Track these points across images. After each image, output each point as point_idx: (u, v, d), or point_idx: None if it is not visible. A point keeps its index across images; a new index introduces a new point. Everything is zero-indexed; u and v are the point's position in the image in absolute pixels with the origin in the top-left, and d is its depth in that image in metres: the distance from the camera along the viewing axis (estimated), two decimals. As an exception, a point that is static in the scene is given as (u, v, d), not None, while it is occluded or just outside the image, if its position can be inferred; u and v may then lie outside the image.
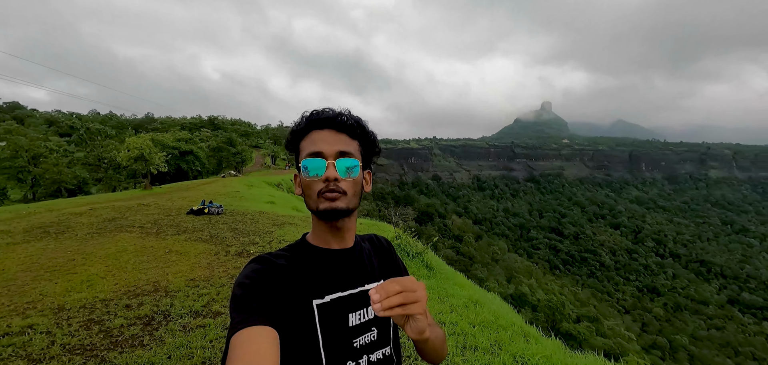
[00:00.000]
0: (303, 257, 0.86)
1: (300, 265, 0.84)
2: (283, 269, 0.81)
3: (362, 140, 0.91)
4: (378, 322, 0.91)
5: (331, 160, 0.83)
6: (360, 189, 0.89)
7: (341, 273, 0.88)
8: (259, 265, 0.80)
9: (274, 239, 6.87)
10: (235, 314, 0.70)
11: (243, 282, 0.75)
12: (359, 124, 0.90)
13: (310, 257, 0.86)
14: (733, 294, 63.68)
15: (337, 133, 0.86)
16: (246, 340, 0.64)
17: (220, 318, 3.38)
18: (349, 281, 0.88)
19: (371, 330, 0.88)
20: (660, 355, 38.86)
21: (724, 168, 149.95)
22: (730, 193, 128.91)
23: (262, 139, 63.84)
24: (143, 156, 19.85)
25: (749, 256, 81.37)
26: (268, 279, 0.77)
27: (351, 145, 0.87)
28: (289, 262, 0.83)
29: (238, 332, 0.65)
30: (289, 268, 0.82)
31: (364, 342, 0.86)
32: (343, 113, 0.88)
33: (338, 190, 0.83)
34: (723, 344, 45.12)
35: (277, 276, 0.79)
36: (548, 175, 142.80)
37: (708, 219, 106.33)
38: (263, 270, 0.78)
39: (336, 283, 0.86)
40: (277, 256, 0.84)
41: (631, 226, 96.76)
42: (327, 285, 0.84)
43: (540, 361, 3.07)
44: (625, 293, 61.98)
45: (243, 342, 0.64)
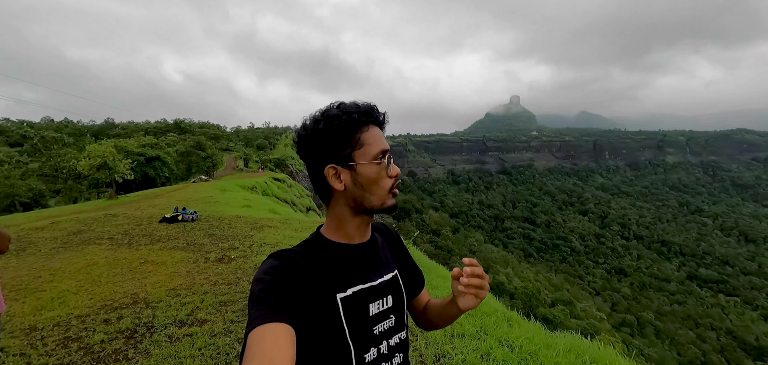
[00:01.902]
0: (322, 253, 0.86)
1: (320, 261, 0.85)
2: (302, 265, 0.81)
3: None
4: (395, 309, 0.94)
5: (390, 157, 0.88)
6: None
7: (361, 267, 0.90)
8: (277, 261, 0.80)
9: (255, 243, 6.76)
10: (253, 310, 0.71)
11: (262, 278, 0.76)
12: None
13: (330, 252, 0.87)
14: (692, 270, 68.27)
15: (381, 130, 0.91)
16: (263, 337, 0.65)
17: (206, 326, 3.32)
18: (368, 274, 0.90)
19: (390, 317, 0.92)
20: (629, 332, 41.17)
21: (679, 153, 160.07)
22: (685, 177, 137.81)
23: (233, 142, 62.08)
24: (106, 164, 18.80)
25: (704, 235, 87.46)
26: (287, 276, 0.77)
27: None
28: (307, 258, 0.84)
29: (255, 328, 0.66)
30: (308, 264, 0.82)
31: (384, 328, 0.90)
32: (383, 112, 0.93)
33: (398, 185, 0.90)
34: (684, 317, 48.32)
35: (297, 273, 0.79)
36: (519, 167, 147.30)
37: (666, 202, 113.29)
38: (282, 266, 0.79)
39: (357, 277, 0.88)
40: (296, 252, 0.84)
41: (598, 212, 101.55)
42: (348, 279, 0.86)
43: (523, 343, 3.23)
44: (595, 276, 65.03)
45: (260, 339, 0.65)
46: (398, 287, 0.98)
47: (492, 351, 3.04)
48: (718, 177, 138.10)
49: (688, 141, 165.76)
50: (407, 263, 1.10)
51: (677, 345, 40.36)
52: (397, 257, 1.05)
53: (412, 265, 1.11)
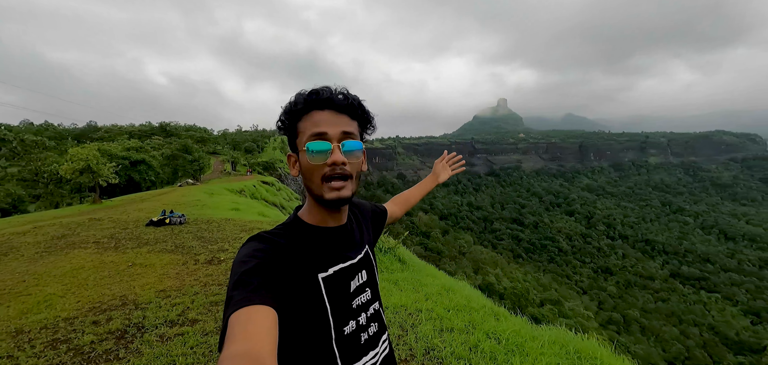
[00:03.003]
0: (301, 236, 0.88)
1: (299, 243, 0.86)
2: (283, 247, 0.82)
3: (361, 120, 0.92)
4: (369, 283, 1.00)
5: (335, 143, 0.83)
6: (360, 171, 0.92)
7: (340, 247, 0.93)
8: (260, 243, 0.80)
9: (245, 245, 6.74)
10: (235, 292, 0.69)
11: (244, 260, 0.75)
12: (359, 104, 0.89)
13: (309, 235, 0.89)
14: (675, 268, 70.08)
15: (338, 113, 0.85)
16: (245, 319, 0.63)
17: (198, 325, 3.33)
18: (346, 253, 0.94)
19: (366, 290, 0.98)
20: (616, 329, 42.00)
21: (661, 154, 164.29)
22: (667, 177, 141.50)
23: (220, 145, 61.23)
24: (90, 167, 18.39)
25: (686, 233, 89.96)
26: (269, 258, 0.77)
27: (352, 126, 0.88)
28: (288, 241, 0.84)
29: (238, 310, 0.65)
30: (289, 246, 0.83)
31: (361, 301, 0.95)
32: (342, 92, 0.86)
33: (344, 176, 0.84)
34: (668, 314, 49.56)
35: (279, 255, 0.79)
36: (507, 169, 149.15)
37: (650, 201, 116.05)
38: (263, 248, 0.79)
39: (337, 256, 0.91)
40: (277, 235, 0.85)
41: (584, 212, 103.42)
42: (328, 259, 0.89)
43: (510, 335, 3.34)
44: (582, 275, 66.17)
45: (242, 321, 0.63)
46: (370, 262, 1.04)
47: (480, 344, 3.13)
48: (698, 177, 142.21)
49: (670, 142, 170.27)
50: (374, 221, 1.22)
51: (662, 342, 41.36)
52: (368, 230, 1.12)
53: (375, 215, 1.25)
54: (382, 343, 1.01)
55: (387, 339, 1.05)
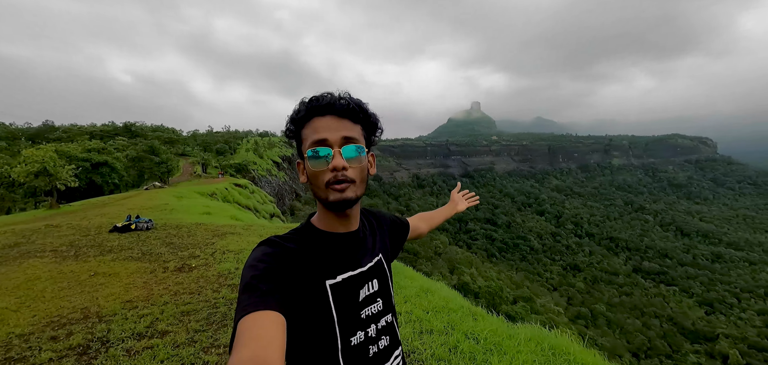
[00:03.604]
0: (312, 241, 0.88)
1: (310, 249, 0.86)
2: (293, 252, 0.82)
3: (364, 123, 0.91)
4: (381, 293, 0.97)
5: (336, 148, 0.83)
6: (366, 175, 0.91)
7: (350, 255, 0.92)
8: (269, 248, 0.81)
9: (217, 250, 6.51)
10: (244, 297, 0.70)
11: (254, 265, 0.76)
12: (361, 107, 0.89)
13: (319, 241, 0.89)
14: (637, 263, 74.03)
15: (339, 118, 0.85)
16: (253, 324, 0.64)
17: (168, 337, 3.17)
18: (357, 261, 0.93)
19: (377, 300, 0.95)
20: (584, 324, 43.76)
21: (623, 156, 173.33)
22: (628, 178, 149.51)
23: (190, 146, 59.01)
24: (46, 170, 17.23)
25: (646, 230, 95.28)
26: (278, 263, 0.78)
27: (355, 130, 0.87)
28: (298, 246, 0.85)
29: (246, 315, 0.66)
30: (299, 252, 0.83)
31: (371, 312, 0.92)
32: (343, 97, 0.86)
33: (347, 179, 0.83)
34: (631, 307, 52.22)
35: (288, 260, 0.80)
36: (481, 170, 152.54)
37: (613, 201, 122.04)
38: (274, 253, 0.79)
39: (346, 264, 0.90)
40: (287, 239, 0.85)
41: (554, 212, 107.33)
42: (338, 266, 0.88)
43: (488, 335, 3.39)
44: (552, 272, 68.55)
45: (251, 326, 0.64)
46: (383, 271, 1.00)
47: (459, 345, 3.17)
48: (656, 177, 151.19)
49: (631, 145, 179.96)
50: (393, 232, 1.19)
51: (626, 334, 43.51)
52: (383, 240, 1.08)
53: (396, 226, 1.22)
54: (394, 358, 0.97)
55: (400, 355, 1.01)
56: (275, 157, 61.24)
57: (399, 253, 1.24)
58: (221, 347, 3.04)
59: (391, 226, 1.19)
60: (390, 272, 1.05)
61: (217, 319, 3.57)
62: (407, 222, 1.33)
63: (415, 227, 1.38)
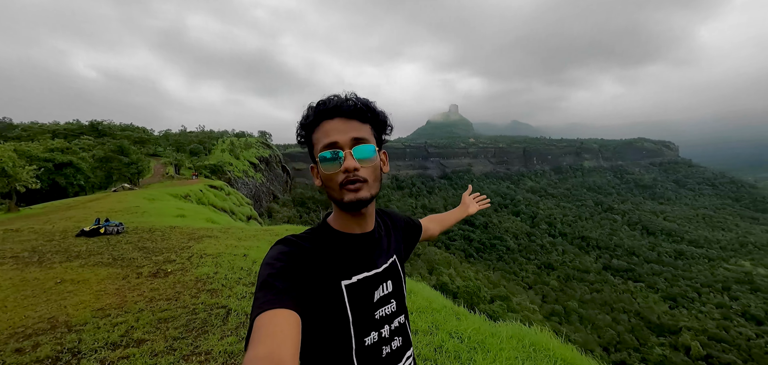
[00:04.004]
0: (328, 241, 0.89)
1: (325, 249, 0.87)
2: (309, 252, 0.83)
3: (373, 122, 0.91)
4: (395, 294, 0.98)
5: (347, 149, 0.84)
6: (380, 173, 0.91)
7: (365, 255, 0.93)
8: (286, 247, 0.82)
9: (194, 254, 6.31)
10: (260, 294, 0.71)
11: (271, 263, 0.77)
12: (368, 107, 0.89)
13: (335, 241, 0.90)
14: (606, 261, 77.20)
15: (347, 120, 0.86)
16: (269, 322, 0.65)
17: (145, 346, 3.05)
18: (372, 261, 0.94)
19: (391, 301, 0.96)
20: (558, 320, 45.17)
21: (593, 159, 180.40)
22: (599, 179, 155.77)
23: (162, 146, 56.85)
24: (5, 171, 16.18)
25: (615, 230, 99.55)
26: (295, 262, 0.79)
27: (364, 130, 0.88)
28: (314, 245, 0.86)
29: (262, 313, 0.67)
30: (315, 251, 0.85)
31: (385, 313, 0.93)
32: (349, 98, 0.87)
33: (359, 179, 0.84)
34: (602, 304, 54.33)
35: (304, 259, 0.81)
36: (459, 172, 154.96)
37: (585, 202, 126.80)
38: (291, 252, 0.80)
39: (361, 264, 0.91)
40: (304, 239, 0.87)
41: (529, 213, 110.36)
42: (353, 267, 0.89)
43: (471, 333, 3.46)
44: (527, 271, 70.41)
45: (266, 324, 0.65)
46: (397, 272, 1.02)
47: (444, 344, 3.21)
48: (624, 179, 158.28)
49: (601, 148, 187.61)
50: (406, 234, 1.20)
51: (597, 329, 45.22)
52: (397, 241, 1.10)
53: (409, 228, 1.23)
54: (406, 359, 0.99)
55: (412, 356, 1.02)
56: (252, 157, 59.94)
57: (410, 255, 1.25)
58: (202, 354, 2.95)
59: (405, 227, 1.20)
60: (403, 273, 1.07)
61: (197, 326, 3.46)
62: (420, 223, 1.34)
63: (427, 228, 1.40)
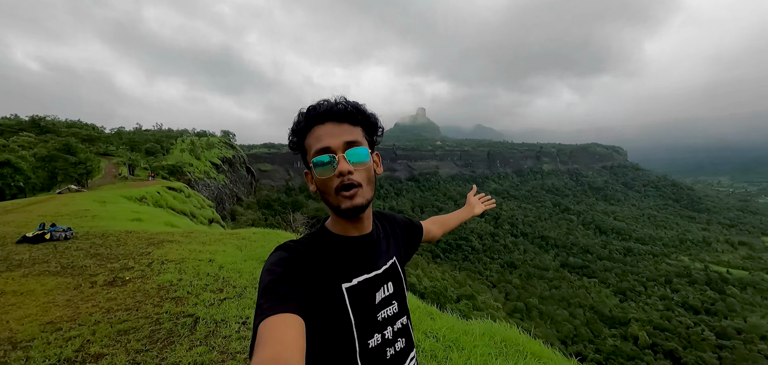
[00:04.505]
0: (326, 245, 0.89)
1: (325, 253, 0.87)
2: (309, 256, 0.83)
3: (364, 125, 0.92)
4: (396, 295, 0.98)
5: (340, 153, 0.84)
6: (373, 175, 0.92)
7: (364, 257, 0.93)
8: (286, 252, 0.82)
9: (154, 260, 5.95)
10: (263, 300, 0.71)
11: (271, 269, 0.77)
12: (359, 109, 0.89)
13: (334, 244, 0.90)
14: (564, 259, 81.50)
15: (338, 123, 0.86)
16: (273, 327, 0.65)
17: (103, 361, 2.83)
18: (372, 263, 0.94)
19: (392, 303, 0.96)
20: (520, 317, 47.08)
21: (552, 162, 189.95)
22: (556, 182, 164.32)
23: (114, 145, 53.09)
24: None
25: (571, 229, 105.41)
26: (296, 266, 0.79)
27: (355, 133, 0.88)
28: (314, 250, 0.86)
29: (266, 318, 0.67)
30: (315, 256, 0.85)
31: (387, 314, 0.93)
32: (339, 102, 0.87)
33: (354, 184, 0.84)
34: (560, 299, 57.33)
35: (305, 263, 0.81)
36: (426, 174, 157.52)
37: (544, 203, 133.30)
38: (291, 257, 0.81)
39: (361, 267, 0.91)
40: (303, 244, 0.87)
41: (492, 214, 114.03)
42: (353, 269, 0.89)
43: (446, 332, 3.53)
44: (491, 270, 72.84)
45: (271, 329, 0.65)
46: (397, 274, 1.02)
47: (420, 344, 3.24)
48: (579, 182, 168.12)
49: (558, 152, 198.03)
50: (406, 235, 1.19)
51: (556, 323, 47.62)
52: (397, 243, 1.09)
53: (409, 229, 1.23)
54: (409, 360, 0.99)
55: (415, 357, 1.02)
56: (214, 158, 57.52)
57: (412, 256, 1.24)
58: (169, 366, 2.78)
59: (405, 229, 1.20)
60: (404, 275, 1.06)
61: (162, 337, 3.26)
62: (421, 225, 1.33)
63: (428, 230, 1.38)
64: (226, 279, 5.06)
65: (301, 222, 17.44)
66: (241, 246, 7.58)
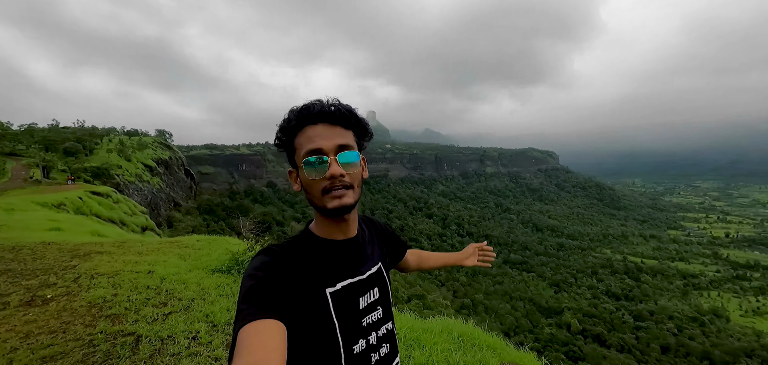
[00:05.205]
0: (311, 248, 0.88)
1: (309, 256, 0.86)
2: (292, 261, 0.82)
3: (356, 129, 0.92)
4: (381, 301, 0.98)
5: (332, 156, 0.83)
6: (361, 179, 0.93)
7: (349, 262, 0.92)
8: (268, 257, 0.81)
9: (82, 274, 5.31)
10: (244, 305, 0.69)
11: (253, 274, 0.76)
12: (352, 113, 0.89)
13: (318, 248, 0.88)
14: (506, 256, 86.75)
15: (331, 125, 0.86)
16: (254, 333, 0.64)
17: (24, 391, 2.46)
18: (357, 268, 0.93)
19: (377, 308, 0.95)
20: (467, 313, 49.12)
21: (494, 165, 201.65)
22: (498, 184, 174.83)
23: (24, 144, 46.39)
24: None
25: (512, 228, 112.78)
26: (278, 271, 0.77)
27: (347, 136, 0.88)
28: (297, 254, 0.85)
29: (247, 324, 0.65)
30: (298, 260, 0.83)
31: (371, 320, 0.92)
32: (332, 104, 0.87)
33: (344, 186, 0.84)
34: (503, 294, 60.90)
35: (287, 268, 0.79)
36: (377, 177, 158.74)
37: (487, 204, 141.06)
38: (273, 262, 0.79)
39: (346, 271, 0.90)
40: (285, 248, 0.85)
41: (440, 215, 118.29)
42: (337, 274, 0.88)
43: (407, 332, 3.59)
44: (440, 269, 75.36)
45: (251, 335, 0.63)
46: (383, 279, 1.01)
47: (383, 346, 3.26)
48: (519, 183, 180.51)
49: (500, 156, 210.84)
50: (391, 247, 1.19)
51: (500, 317, 50.46)
52: (382, 249, 1.09)
53: (395, 243, 1.23)
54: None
55: (399, 362, 1.02)
56: (148, 159, 52.79)
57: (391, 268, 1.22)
58: (109, 391, 2.50)
59: (391, 239, 1.20)
60: (389, 281, 1.06)
61: (98, 360, 2.92)
62: (406, 245, 1.33)
63: (406, 258, 1.37)
64: (169, 291, 4.67)
65: (250, 228, 16.61)
66: (185, 255, 7.06)
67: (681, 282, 70.70)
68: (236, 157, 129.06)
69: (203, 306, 4.18)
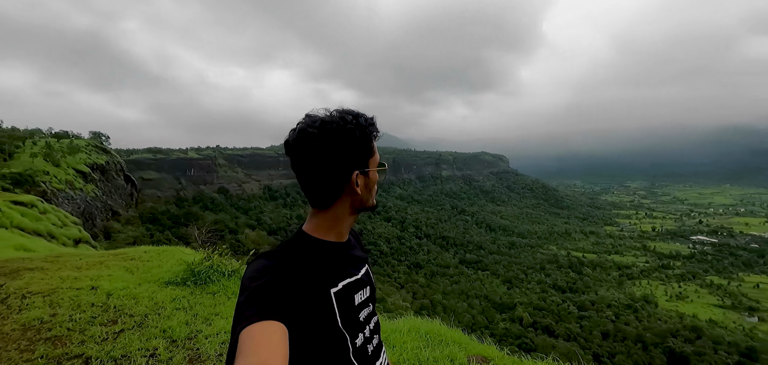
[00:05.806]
0: (310, 251, 0.92)
1: (309, 259, 0.90)
2: (293, 263, 0.85)
3: None
4: (371, 299, 1.09)
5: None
6: None
7: (345, 263, 1.01)
8: (268, 260, 0.84)
9: (11, 294, 4.73)
10: (245, 308, 0.71)
11: (253, 276, 0.79)
12: None
13: (318, 250, 0.94)
14: (462, 256, 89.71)
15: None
16: (257, 334, 0.65)
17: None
18: (352, 268, 1.02)
19: (369, 305, 1.06)
20: (427, 313, 49.52)
21: (449, 169, 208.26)
22: (454, 186, 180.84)
23: None
24: None
25: (467, 229, 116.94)
26: (279, 274, 0.80)
27: None
28: (297, 256, 0.88)
29: (249, 326, 0.67)
30: (299, 263, 0.86)
31: (365, 314, 1.02)
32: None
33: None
34: (460, 293, 62.83)
35: (288, 271, 0.82)
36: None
37: (443, 206, 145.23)
38: (273, 265, 0.82)
39: (344, 272, 0.97)
40: (284, 251, 0.89)
41: (399, 218, 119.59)
42: (338, 274, 0.94)
43: (378, 335, 3.64)
44: (399, 272, 75.93)
45: (254, 336, 0.65)
46: (370, 278, 1.14)
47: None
48: (472, 186, 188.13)
49: (455, 159, 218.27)
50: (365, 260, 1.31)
51: (458, 315, 51.92)
52: (364, 252, 1.21)
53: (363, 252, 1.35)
54: (383, 354, 1.11)
55: (385, 352, 1.14)
56: (80, 165, 47.75)
57: None
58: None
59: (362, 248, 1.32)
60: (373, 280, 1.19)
61: (40, 385, 2.65)
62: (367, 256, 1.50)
63: None
64: (118, 308, 4.32)
65: (202, 237, 15.67)
66: (132, 267, 6.56)
67: (617, 273, 77.73)
68: (183, 161, 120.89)
69: (159, 321, 3.93)
